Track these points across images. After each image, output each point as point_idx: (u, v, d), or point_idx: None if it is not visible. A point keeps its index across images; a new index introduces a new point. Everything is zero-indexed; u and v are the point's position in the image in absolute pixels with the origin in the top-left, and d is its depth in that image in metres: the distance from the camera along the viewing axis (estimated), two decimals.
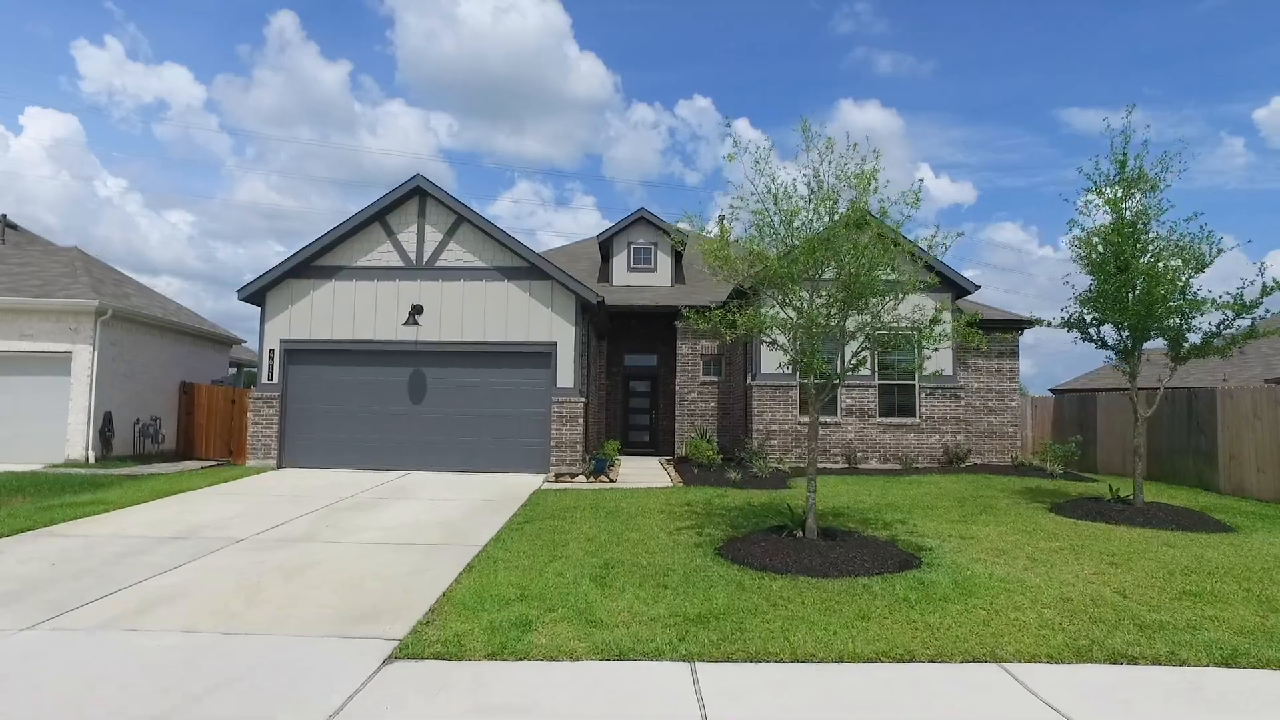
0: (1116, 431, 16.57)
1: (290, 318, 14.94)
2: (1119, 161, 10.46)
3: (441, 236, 14.98)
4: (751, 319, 7.84)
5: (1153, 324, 9.93)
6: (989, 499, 11.51)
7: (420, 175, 14.69)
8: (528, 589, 6.25)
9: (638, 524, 9.17)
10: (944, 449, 16.62)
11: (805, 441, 16.27)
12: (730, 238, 8.00)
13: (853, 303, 7.40)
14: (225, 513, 9.78)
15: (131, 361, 16.74)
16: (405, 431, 14.70)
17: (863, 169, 7.38)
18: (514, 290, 14.80)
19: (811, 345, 7.58)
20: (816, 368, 7.49)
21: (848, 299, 7.43)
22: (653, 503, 10.80)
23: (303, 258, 14.76)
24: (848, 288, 7.28)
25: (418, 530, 8.85)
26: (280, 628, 5.28)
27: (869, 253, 7.23)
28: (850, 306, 7.48)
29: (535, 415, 14.64)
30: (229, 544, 7.90)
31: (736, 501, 10.98)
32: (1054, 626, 5.42)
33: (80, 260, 17.56)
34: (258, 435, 14.68)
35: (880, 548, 7.60)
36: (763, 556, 7.25)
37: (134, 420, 16.82)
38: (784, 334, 7.94)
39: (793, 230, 7.84)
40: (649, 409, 21.35)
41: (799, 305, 7.63)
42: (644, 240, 21.03)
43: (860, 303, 7.41)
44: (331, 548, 7.83)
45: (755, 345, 16.53)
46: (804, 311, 7.50)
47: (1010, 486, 13.07)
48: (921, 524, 9.27)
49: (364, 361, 14.89)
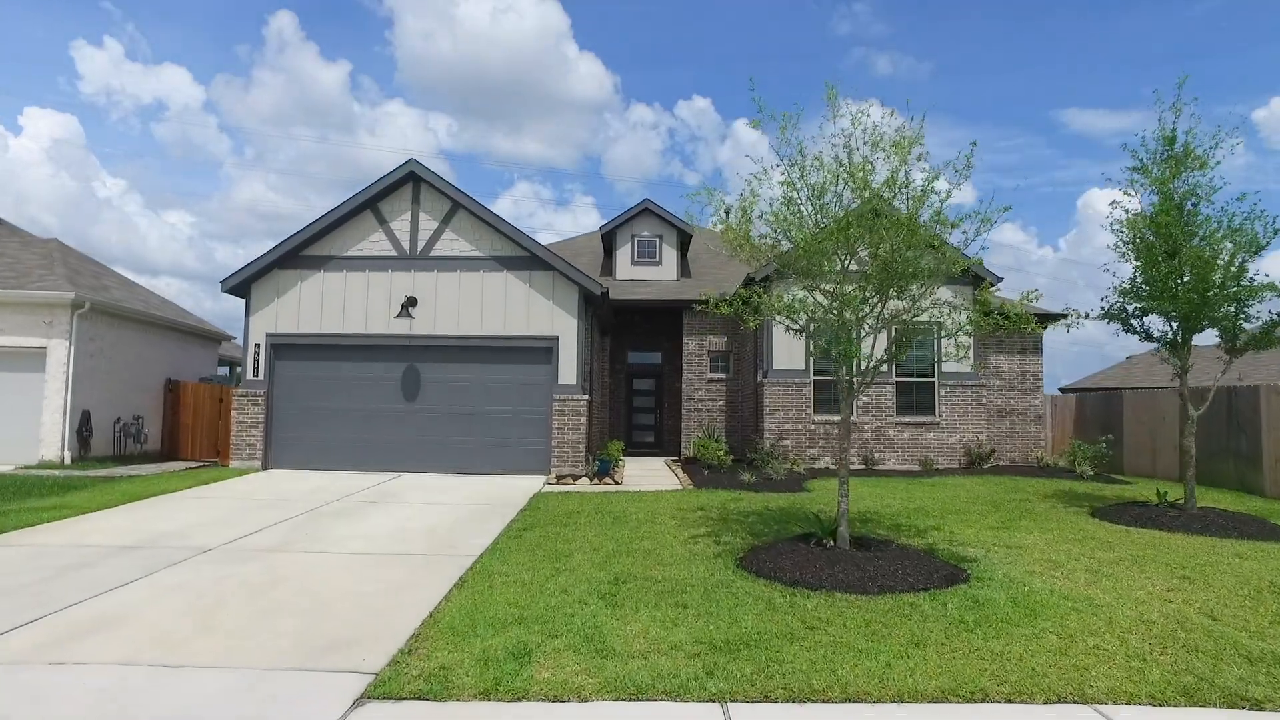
0: (1145, 432, 15.77)
1: (277, 310, 14.14)
2: (1167, 138, 9.67)
3: (436, 225, 14.18)
4: (777, 302, 7.02)
5: (1208, 313, 9.12)
6: (1023, 503, 10.70)
7: (414, 160, 13.91)
8: (527, 609, 5.45)
9: (648, 531, 8.36)
10: (965, 449, 15.81)
11: (820, 441, 15.51)
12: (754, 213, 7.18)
13: (892, 284, 6.58)
14: (197, 519, 8.98)
15: (112, 358, 15.94)
16: (398, 431, 13.89)
17: (902, 136, 6.57)
18: (513, 281, 14.00)
19: (846, 333, 6.77)
20: (852, 356, 6.68)
21: (886, 281, 6.61)
22: (663, 507, 10.00)
23: (290, 247, 13.96)
24: (887, 268, 6.46)
25: (405, 539, 8.05)
26: (233, 659, 4.47)
27: (911, 231, 6.42)
28: (888, 289, 6.66)
29: (535, 414, 13.83)
30: (194, 555, 7.09)
31: (753, 506, 10.18)
32: (1144, 657, 4.61)
33: (59, 252, 16.76)
34: (242, 435, 13.88)
35: (921, 559, 6.79)
36: (792, 569, 6.44)
37: (114, 419, 16.02)
38: (812, 321, 7.14)
39: (821, 207, 7.04)
40: (654, 408, 20.55)
41: (833, 288, 6.82)
42: (648, 233, 20.23)
43: (901, 285, 6.60)
44: (308, 560, 7.03)
45: (766, 340, 15.74)
46: (838, 295, 6.69)
47: (1041, 489, 12.26)
48: (959, 531, 8.47)
49: (355, 357, 14.09)
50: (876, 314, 6.87)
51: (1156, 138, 9.78)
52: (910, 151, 6.48)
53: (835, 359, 7.06)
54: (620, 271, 20.13)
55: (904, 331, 6.96)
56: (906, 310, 6.88)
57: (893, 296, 6.76)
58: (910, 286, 6.64)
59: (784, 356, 15.69)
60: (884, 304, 6.85)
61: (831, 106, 7.28)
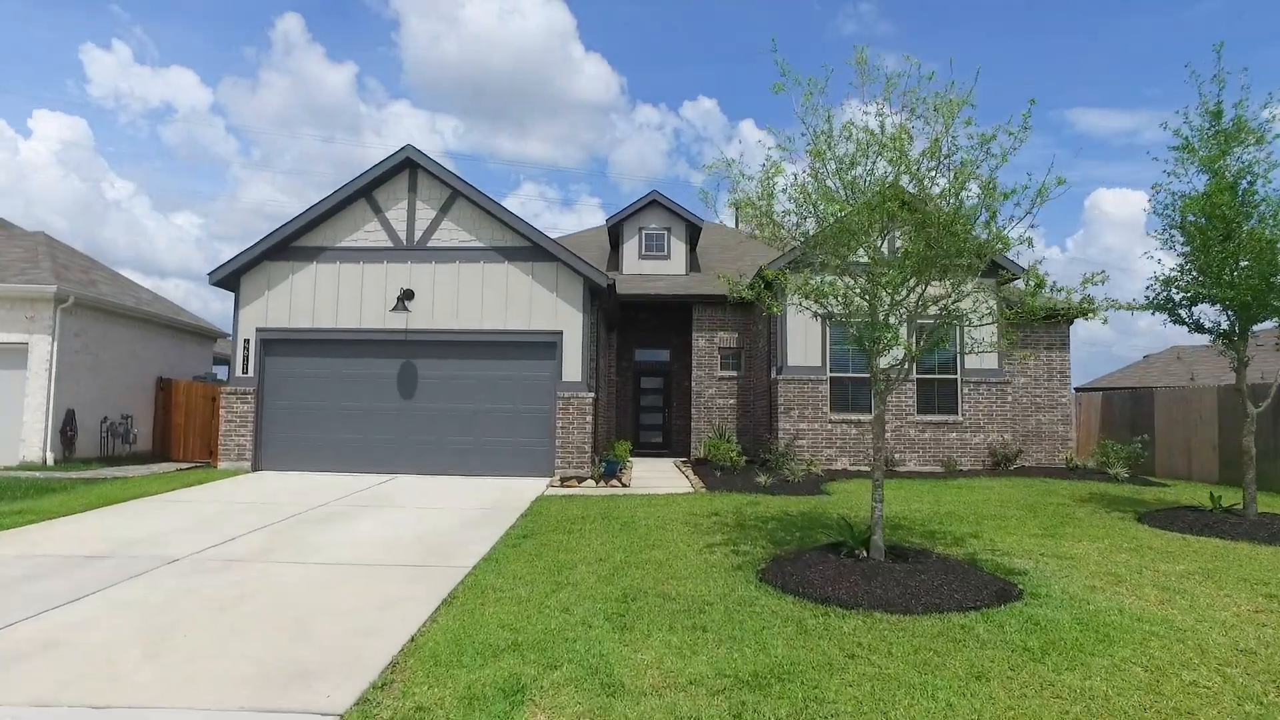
0: (1179, 431, 14.98)
1: (267, 304, 13.48)
2: (1211, 112, 8.93)
3: (434, 214, 13.50)
4: (805, 285, 6.30)
5: (1272, 300, 8.36)
6: (1061, 507, 9.95)
7: (410, 145, 13.23)
8: (523, 632, 4.75)
9: (659, 539, 7.65)
10: (989, 450, 15.05)
11: (837, 442, 14.78)
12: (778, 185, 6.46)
13: (935, 265, 5.85)
14: (173, 525, 8.31)
15: (99, 355, 15.31)
16: (394, 430, 13.22)
17: (948, 97, 5.84)
18: (515, 273, 13.31)
19: (882, 319, 6.05)
20: (890, 344, 5.95)
21: (928, 261, 5.88)
22: (674, 512, 9.29)
23: (281, 237, 13.30)
24: (930, 245, 5.73)
25: (394, 548, 7.36)
26: (175, 696, 3.78)
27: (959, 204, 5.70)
28: (930, 271, 5.93)
29: (538, 413, 13.14)
30: (160, 566, 6.42)
31: (771, 510, 9.46)
32: (1260, 699, 3.88)
33: (45, 245, 16.15)
34: (231, 435, 13.23)
35: (965, 572, 6.07)
36: (823, 584, 5.72)
37: (101, 419, 15.38)
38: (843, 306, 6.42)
39: (851, 181, 6.33)
40: (662, 407, 19.83)
41: (870, 269, 6.10)
42: (656, 225, 19.52)
43: (945, 265, 5.87)
44: (284, 572, 6.34)
45: (780, 335, 15.02)
46: (874, 276, 5.96)
47: (1076, 492, 11.50)
48: (1000, 539, 7.73)
49: (349, 353, 13.42)
50: (917, 299, 6.15)
51: (1200, 112, 9.05)
52: (958, 114, 5.74)
53: (868, 349, 6.34)
54: (627, 265, 19.43)
55: (945, 319, 6.21)
56: (946, 295, 6.14)
57: (934, 279, 6.03)
58: (955, 267, 5.90)
59: (799, 353, 14.97)
60: (925, 287, 6.13)
61: (861, 73, 6.57)
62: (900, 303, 6.16)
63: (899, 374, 6.43)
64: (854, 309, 6.41)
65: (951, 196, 5.73)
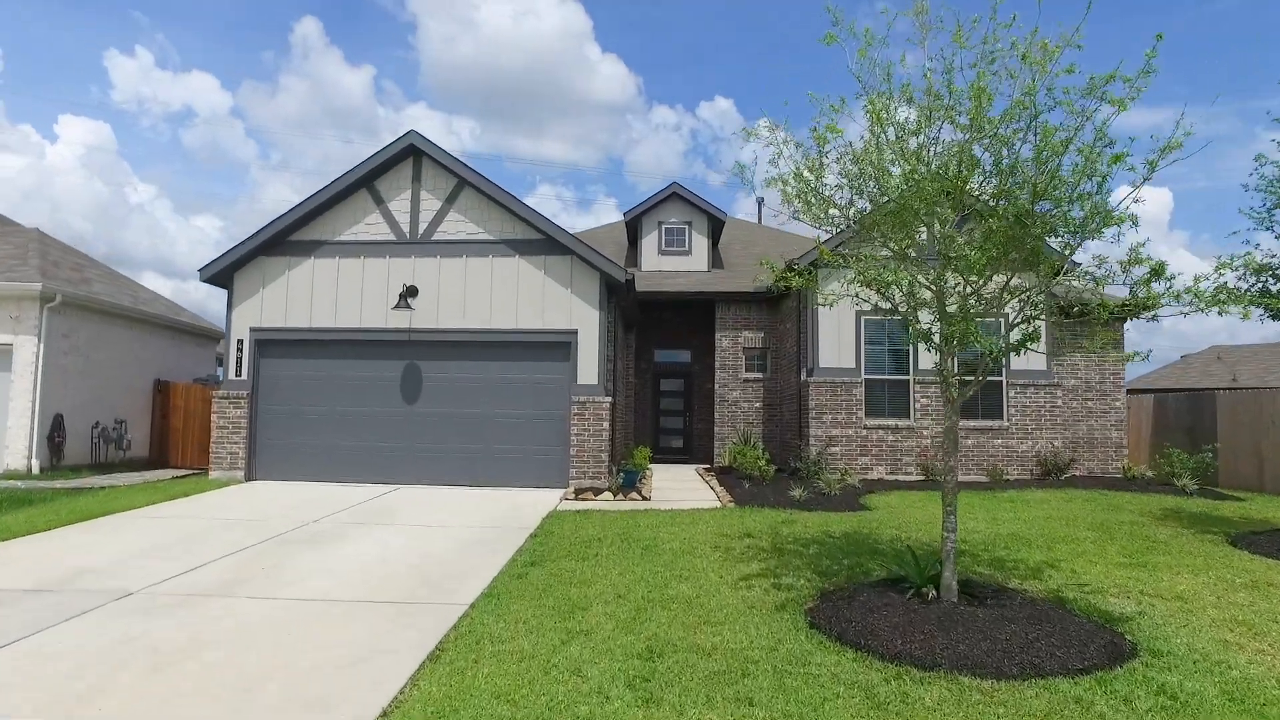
0: (1246, 436, 13.75)
1: (262, 302, 12.62)
2: None
3: (440, 204, 12.57)
4: (865, 272, 5.27)
5: None
6: (1135, 527, 8.84)
7: (414, 131, 12.33)
8: (523, 706, 3.77)
9: (686, 567, 6.65)
10: (1037, 458, 13.91)
11: (873, 449, 13.72)
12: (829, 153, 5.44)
13: (1024, 244, 4.80)
14: (140, 546, 7.42)
15: (90, 356, 14.54)
16: (398, 437, 12.31)
17: (1042, 40, 4.78)
18: (526, 267, 12.35)
19: (961, 311, 5.01)
20: (970, 341, 4.91)
21: (1013, 240, 4.83)
22: (701, 532, 8.28)
23: (276, 230, 12.44)
24: (1020, 221, 4.68)
25: (383, 578, 6.41)
26: None
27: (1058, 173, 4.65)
28: (1016, 251, 4.88)
29: (551, 418, 12.17)
30: (107, 603, 5.51)
31: (810, 530, 8.43)
32: None
33: (36, 242, 15.42)
34: (223, 442, 12.38)
35: (1059, 618, 5.02)
36: (889, 634, 4.70)
37: (92, 424, 14.62)
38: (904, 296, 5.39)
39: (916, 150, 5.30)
40: (683, 410, 18.82)
41: (942, 251, 5.06)
42: (677, 219, 18.51)
43: (1034, 246, 4.82)
44: (249, 610, 5.41)
45: (811, 334, 13.97)
46: (953, 257, 4.91)
47: (1144, 508, 10.36)
48: (1082, 569, 6.66)
49: (349, 354, 12.53)
50: (1001, 287, 5.11)
51: None
52: (1055, 60, 4.68)
53: (939, 347, 5.30)
54: (646, 262, 18.43)
55: (1032, 307, 5.14)
56: (1042, 282, 5.07)
57: (1018, 267, 4.97)
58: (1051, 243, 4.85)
59: (831, 353, 13.91)
60: (1011, 276, 5.09)
61: (921, 25, 5.55)
62: (976, 292, 5.12)
63: (978, 378, 5.39)
64: (918, 301, 5.38)
65: (1050, 158, 4.67)
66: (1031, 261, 4.94)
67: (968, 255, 4.67)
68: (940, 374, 5.42)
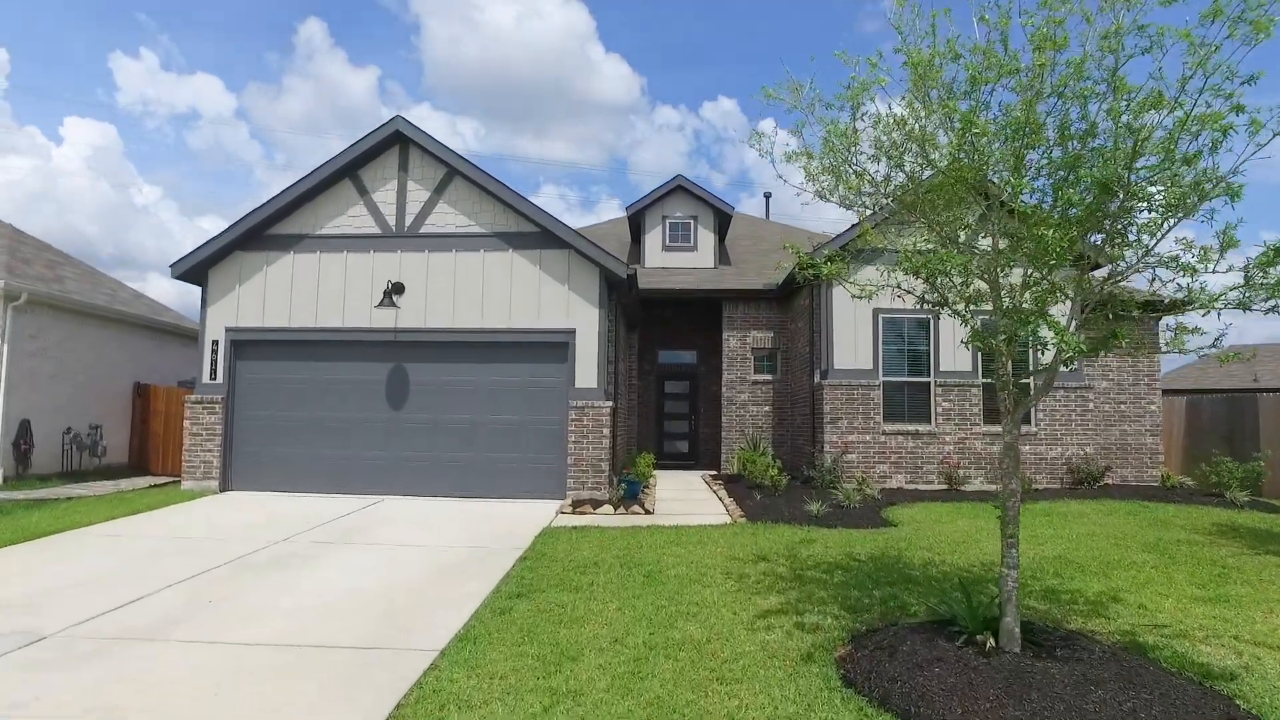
0: None
1: (239, 300, 11.79)
2: None
3: (428, 195, 11.72)
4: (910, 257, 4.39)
5: None
6: (1196, 547, 7.93)
7: (400, 117, 11.48)
8: None
9: (694, 601, 5.79)
10: (1068, 465, 13.02)
11: (891, 456, 12.84)
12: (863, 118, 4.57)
13: (1116, 219, 3.91)
14: (78, 573, 6.59)
15: (62, 358, 13.73)
16: (382, 445, 11.46)
17: None
18: (520, 263, 11.49)
19: (1038, 304, 4.13)
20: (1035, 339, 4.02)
21: (1094, 214, 3.94)
22: (710, 555, 7.41)
23: (253, 223, 11.60)
24: (1107, 190, 3.79)
25: (345, 613, 5.55)
26: None
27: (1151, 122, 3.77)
28: (1099, 225, 3.99)
29: (548, 424, 11.31)
30: (11, 650, 4.66)
31: (832, 552, 7.55)
32: None
33: (6, 238, 14.62)
34: (196, 450, 11.54)
35: (1151, 677, 4.13)
36: (944, 699, 3.83)
37: (64, 429, 13.81)
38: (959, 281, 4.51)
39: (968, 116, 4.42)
40: (688, 414, 17.94)
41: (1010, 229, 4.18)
42: (682, 214, 17.64)
43: (1125, 221, 3.94)
44: (178, 660, 4.56)
45: (825, 333, 13.09)
46: (1031, 235, 4.01)
47: (1195, 523, 9.46)
48: (1152, 603, 5.77)
49: (331, 356, 11.69)
50: (1082, 272, 4.22)
51: None
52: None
53: (999, 347, 4.42)
54: (650, 258, 17.56)
55: (1122, 304, 4.25)
56: (1130, 268, 4.18)
57: (1112, 239, 4.08)
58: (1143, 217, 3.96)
59: (847, 353, 13.03)
60: (1092, 259, 4.20)
61: None
62: (1041, 281, 4.23)
63: (1045, 381, 4.51)
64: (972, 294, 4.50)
65: (1146, 110, 3.79)
66: (1114, 242, 4.04)
67: (1044, 235, 3.79)
68: (999, 380, 4.54)
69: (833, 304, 13.02)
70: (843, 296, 13.04)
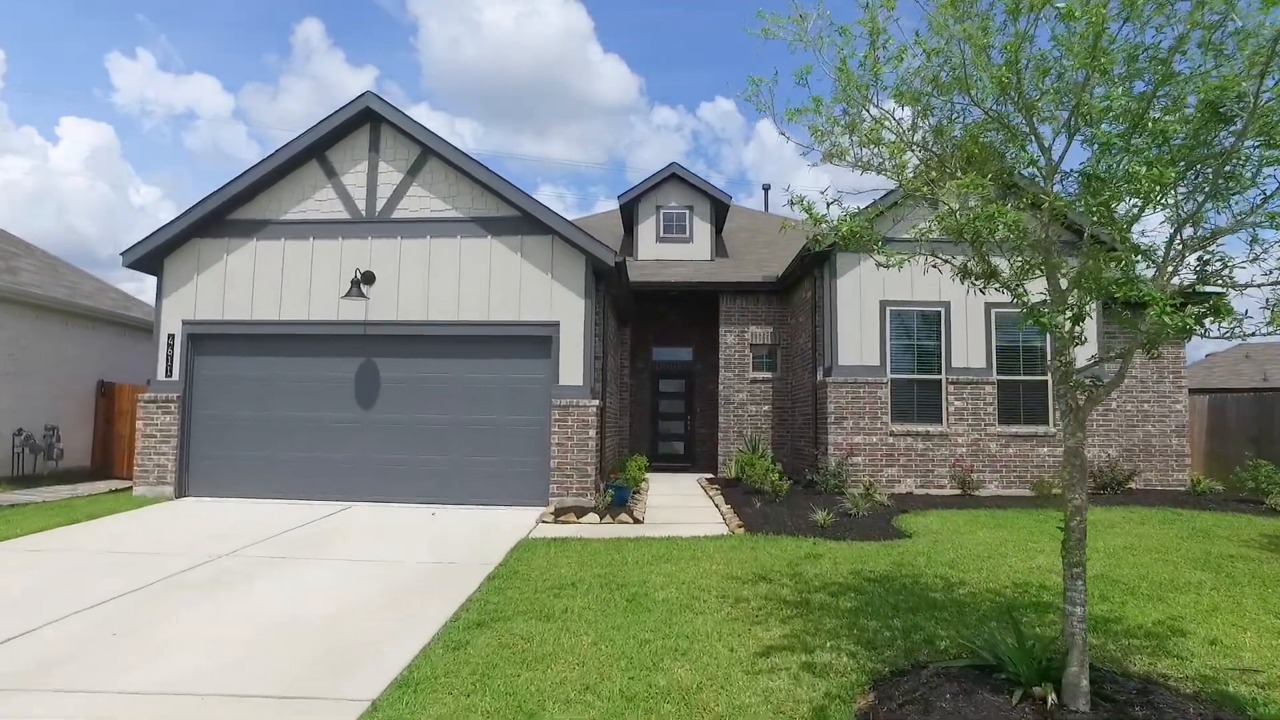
0: None
1: (197, 291, 10.91)
2: None
3: (401, 177, 10.84)
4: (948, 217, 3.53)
5: None
6: (1254, 564, 7.07)
7: (370, 93, 10.60)
8: None
9: (685, 633, 4.91)
10: (1090, 469, 12.15)
11: (900, 459, 11.99)
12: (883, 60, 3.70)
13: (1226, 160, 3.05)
14: None
15: (14, 355, 12.85)
16: (351, 447, 10.58)
17: None
18: (500, 250, 10.62)
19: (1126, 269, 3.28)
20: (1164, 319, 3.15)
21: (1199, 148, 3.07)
22: (704, 573, 6.54)
23: (212, 207, 10.72)
24: (1220, 117, 2.93)
25: (276, 648, 4.67)
26: None
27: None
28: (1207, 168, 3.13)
29: (529, 425, 10.44)
30: None
31: (841, 570, 6.68)
32: None
33: None
34: (149, 453, 10.65)
35: None
36: None
37: (15, 430, 12.91)
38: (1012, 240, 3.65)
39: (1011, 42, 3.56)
40: (684, 414, 17.07)
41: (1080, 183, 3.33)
42: (676, 204, 16.78)
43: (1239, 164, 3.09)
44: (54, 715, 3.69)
45: (829, 327, 12.23)
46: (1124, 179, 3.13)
47: (1239, 533, 8.61)
48: (1222, 634, 4.91)
49: (296, 351, 10.80)
50: (1177, 229, 3.36)
51: None
52: None
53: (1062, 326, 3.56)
54: (643, 250, 16.70)
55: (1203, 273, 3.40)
56: (1237, 221, 3.31)
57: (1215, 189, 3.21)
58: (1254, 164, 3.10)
59: (853, 349, 12.17)
60: (1193, 213, 3.33)
61: None
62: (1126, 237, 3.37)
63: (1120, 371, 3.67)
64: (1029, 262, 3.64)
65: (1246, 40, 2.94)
66: (1230, 182, 3.16)
67: (1137, 172, 2.92)
68: (1060, 371, 3.69)
69: (837, 296, 12.17)
70: (848, 288, 12.19)
